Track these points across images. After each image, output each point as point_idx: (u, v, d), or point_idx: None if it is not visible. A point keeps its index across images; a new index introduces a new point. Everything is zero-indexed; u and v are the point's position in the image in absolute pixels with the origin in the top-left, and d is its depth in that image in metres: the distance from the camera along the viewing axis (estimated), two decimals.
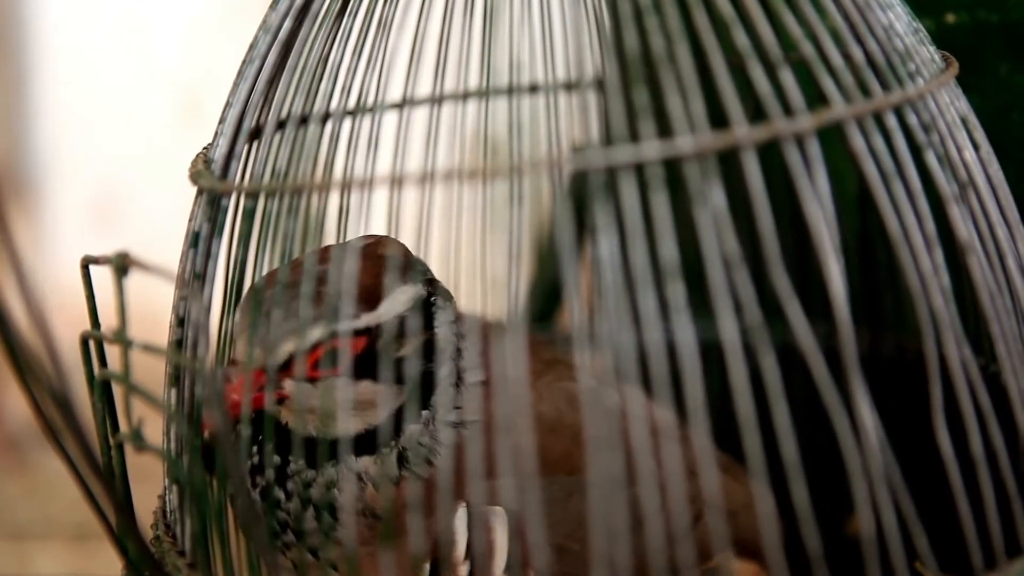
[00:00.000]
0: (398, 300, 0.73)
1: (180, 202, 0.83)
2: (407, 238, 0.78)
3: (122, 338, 0.67)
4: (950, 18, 0.95)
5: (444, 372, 0.74)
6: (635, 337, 0.62)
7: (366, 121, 0.81)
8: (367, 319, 0.71)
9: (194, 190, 0.75)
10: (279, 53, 0.73)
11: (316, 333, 0.70)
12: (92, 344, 0.71)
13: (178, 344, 0.73)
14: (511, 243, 0.85)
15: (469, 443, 0.72)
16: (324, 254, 0.71)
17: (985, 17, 0.94)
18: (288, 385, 0.71)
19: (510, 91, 0.89)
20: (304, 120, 0.71)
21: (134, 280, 0.67)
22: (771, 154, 0.63)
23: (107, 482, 0.67)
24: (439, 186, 0.68)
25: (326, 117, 0.74)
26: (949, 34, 0.95)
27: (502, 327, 0.76)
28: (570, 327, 1.05)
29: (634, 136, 0.61)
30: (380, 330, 0.71)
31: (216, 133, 0.75)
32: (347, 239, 0.76)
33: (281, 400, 0.72)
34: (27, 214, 2.06)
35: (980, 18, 0.94)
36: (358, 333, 0.71)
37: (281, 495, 0.74)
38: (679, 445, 0.64)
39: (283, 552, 0.74)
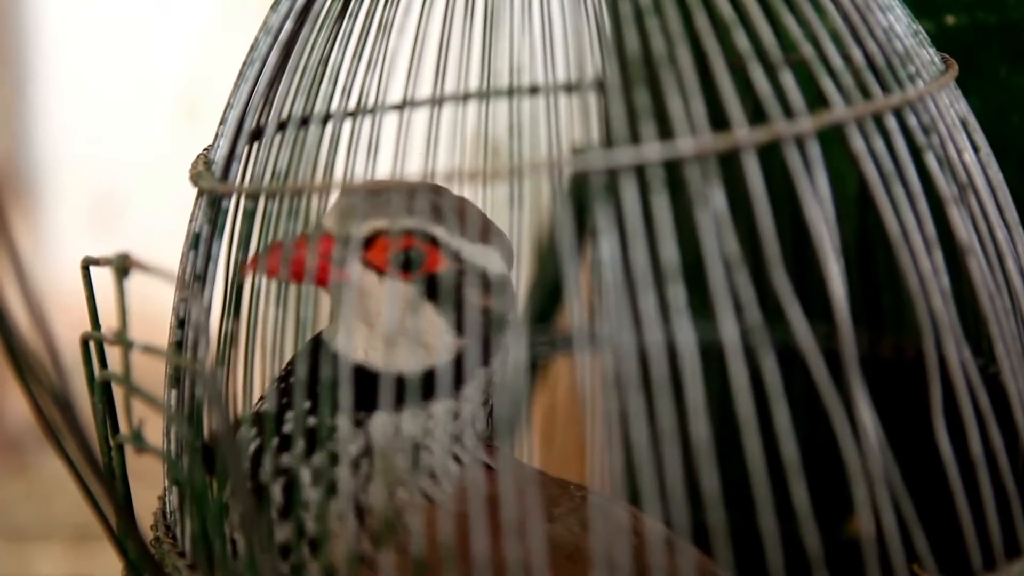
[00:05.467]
0: (494, 259, 0.68)
1: (180, 203, 0.83)
2: None
3: (122, 339, 0.67)
4: (949, 19, 0.95)
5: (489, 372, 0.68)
6: (635, 338, 0.62)
7: (366, 123, 0.81)
8: (465, 246, 0.66)
9: (194, 191, 0.75)
10: (280, 54, 0.73)
11: (409, 222, 0.65)
12: (92, 345, 0.72)
13: (178, 345, 0.73)
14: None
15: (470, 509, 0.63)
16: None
17: (984, 18, 0.94)
18: (354, 269, 0.65)
19: (510, 93, 0.89)
20: (305, 122, 0.71)
21: (134, 281, 0.67)
22: (771, 155, 0.63)
23: (107, 483, 0.67)
24: None
25: (327, 119, 0.74)
26: (948, 35, 0.95)
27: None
28: (570, 328, 1.05)
29: (635, 138, 0.61)
30: (466, 267, 0.66)
31: (217, 134, 0.75)
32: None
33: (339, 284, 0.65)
34: (27, 215, 2.06)
35: (979, 19, 0.94)
36: (447, 250, 0.66)
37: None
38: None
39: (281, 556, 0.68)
